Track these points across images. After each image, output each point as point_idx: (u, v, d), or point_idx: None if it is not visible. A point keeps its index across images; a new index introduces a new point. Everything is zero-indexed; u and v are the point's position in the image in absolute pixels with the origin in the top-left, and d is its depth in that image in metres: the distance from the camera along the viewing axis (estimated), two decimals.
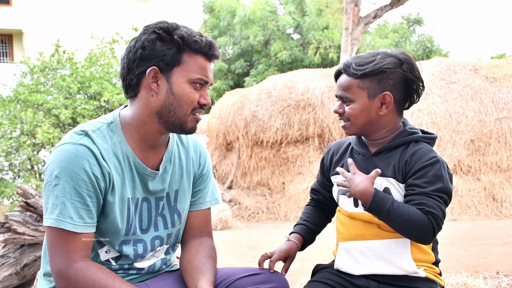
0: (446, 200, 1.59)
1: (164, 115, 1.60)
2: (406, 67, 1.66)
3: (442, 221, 1.57)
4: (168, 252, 1.79)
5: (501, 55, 21.96)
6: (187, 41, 1.57)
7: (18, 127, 7.80)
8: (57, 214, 1.49)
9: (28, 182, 7.63)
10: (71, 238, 1.50)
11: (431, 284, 1.66)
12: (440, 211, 1.56)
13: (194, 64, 1.59)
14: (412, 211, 1.55)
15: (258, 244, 6.39)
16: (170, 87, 1.58)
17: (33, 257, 2.78)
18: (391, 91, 1.65)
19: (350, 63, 1.68)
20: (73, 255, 1.50)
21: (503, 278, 3.70)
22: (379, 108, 1.66)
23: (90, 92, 8.19)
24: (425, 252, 1.68)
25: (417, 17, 21.66)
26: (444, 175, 1.60)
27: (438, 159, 1.62)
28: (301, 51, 19.95)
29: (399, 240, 1.64)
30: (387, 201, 1.57)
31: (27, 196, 2.78)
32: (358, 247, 1.68)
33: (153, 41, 1.57)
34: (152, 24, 1.61)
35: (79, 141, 1.54)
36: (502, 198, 8.28)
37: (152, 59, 1.57)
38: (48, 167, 1.54)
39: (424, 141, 1.68)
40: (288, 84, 9.31)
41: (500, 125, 8.67)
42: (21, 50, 17.73)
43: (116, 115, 1.66)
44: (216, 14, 21.21)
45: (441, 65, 9.50)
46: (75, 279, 1.49)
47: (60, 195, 1.50)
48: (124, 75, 1.63)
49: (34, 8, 17.75)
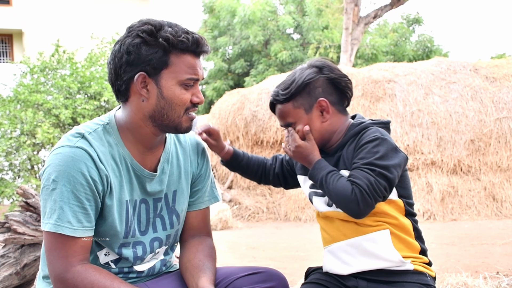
0: (381, 174, 1.56)
1: (158, 119, 1.58)
2: (326, 71, 1.72)
3: (369, 193, 1.54)
4: (167, 252, 1.78)
5: (501, 55, 21.96)
6: (172, 42, 1.53)
7: (18, 127, 7.80)
8: (55, 219, 1.48)
9: (28, 182, 7.63)
10: (69, 243, 1.49)
11: (420, 276, 1.65)
12: (366, 182, 1.54)
13: (183, 64, 1.56)
14: (341, 181, 1.59)
15: (258, 244, 6.39)
16: (160, 91, 1.55)
17: (33, 257, 2.78)
18: (324, 97, 1.71)
19: (277, 92, 1.76)
20: (71, 259, 1.49)
21: (503, 278, 3.70)
22: (321, 117, 1.72)
23: (90, 92, 8.19)
24: (406, 241, 1.68)
25: (416, 17, 21.66)
26: (380, 150, 1.59)
27: (378, 136, 1.62)
28: (301, 51, 19.95)
29: (378, 233, 1.65)
30: (325, 169, 1.64)
31: (27, 196, 2.77)
32: (341, 247, 1.69)
33: (138, 45, 1.53)
34: (136, 26, 1.56)
35: (75, 144, 1.52)
36: (502, 198, 8.28)
37: (139, 64, 1.53)
38: (45, 171, 1.52)
39: (373, 126, 1.69)
40: None
41: (500, 125, 8.68)
42: (21, 50, 17.73)
43: (111, 116, 1.64)
44: (216, 14, 21.22)
45: (441, 65, 9.50)
46: (73, 283, 1.48)
47: (58, 199, 1.48)
48: (112, 81, 1.60)
49: (34, 8, 17.75)
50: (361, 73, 9.51)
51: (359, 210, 1.56)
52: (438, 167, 8.58)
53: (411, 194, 1.73)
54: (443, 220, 7.80)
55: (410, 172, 8.57)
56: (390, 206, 1.66)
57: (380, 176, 1.56)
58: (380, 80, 9.24)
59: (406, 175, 1.71)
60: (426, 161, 8.57)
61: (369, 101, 9.08)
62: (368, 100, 9.09)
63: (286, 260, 5.14)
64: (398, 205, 1.67)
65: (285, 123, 1.78)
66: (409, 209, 1.70)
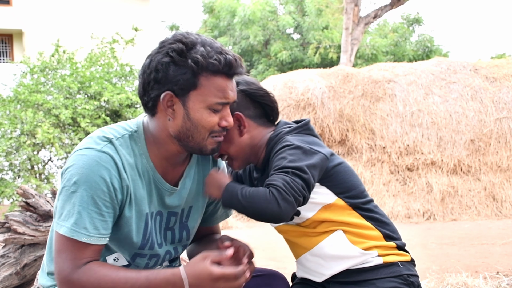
0: (295, 173, 1.54)
1: (183, 140, 1.53)
2: (241, 85, 1.70)
3: (287, 191, 1.50)
4: (174, 260, 1.77)
5: (501, 55, 21.98)
6: (202, 65, 1.46)
7: (18, 127, 7.80)
8: (72, 223, 1.45)
9: (28, 182, 7.63)
10: (82, 248, 1.47)
11: (391, 269, 1.63)
12: (282, 181, 1.52)
13: (212, 87, 1.49)
14: (255, 190, 1.54)
15: (258, 244, 6.39)
16: (187, 112, 1.50)
17: (33, 257, 2.78)
18: (239, 111, 1.68)
19: None
20: (79, 262, 1.46)
21: (503, 278, 3.70)
22: (239, 130, 1.69)
23: (90, 92, 8.18)
24: (363, 235, 1.65)
25: (416, 17, 21.67)
26: (289, 155, 1.58)
27: (285, 144, 1.62)
28: (301, 51, 19.96)
29: (332, 236, 1.64)
30: (237, 187, 1.57)
31: (27, 196, 2.77)
32: (307, 258, 1.69)
33: (166, 64, 1.47)
34: (168, 42, 1.50)
35: (102, 148, 1.48)
36: (502, 198, 8.28)
37: (166, 84, 1.48)
38: (67, 171, 1.48)
39: (283, 136, 1.68)
40: (288, 84, 9.31)
41: (500, 125, 8.68)
42: (21, 50, 17.73)
43: (139, 124, 1.60)
44: (216, 14, 21.23)
45: (441, 65, 9.51)
46: (80, 284, 1.45)
47: (77, 203, 1.45)
48: (140, 95, 1.56)
49: (34, 8, 17.74)
50: (361, 73, 9.51)
51: (280, 210, 1.50)
52: (438, 167, 8.58)
53: (351, 185, 1.68)
54: (443, 220, 7.80)
55: (410, 172, 8.58)
56: (331, 211, 1.65)
57: (295, 176, 1.53)
58: (380, 80, 9.24)
59: (339, 169, 1.67)
60: (426, 161, 8.58)
61: (369, 101, 9.09)
62: (368, 100, 9.09)
63: (286, 260, 5.13)
64: (338, 205, 1.65)
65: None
66: (353, 202, 1.67)
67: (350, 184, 1.68)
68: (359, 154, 8.85)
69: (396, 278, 1.62)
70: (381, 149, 8.79)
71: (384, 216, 1.72)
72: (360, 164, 8.73)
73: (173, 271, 1.47)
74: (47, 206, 2.78)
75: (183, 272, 1.44)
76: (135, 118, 1.64)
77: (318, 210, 1.64)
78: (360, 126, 8.91)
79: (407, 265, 1.67)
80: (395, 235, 1.70)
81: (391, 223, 1.72)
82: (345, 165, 1.70)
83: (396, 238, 1.70)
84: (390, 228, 1.70)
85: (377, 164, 8.75)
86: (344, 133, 8.93)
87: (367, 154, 8.79)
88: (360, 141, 8.86)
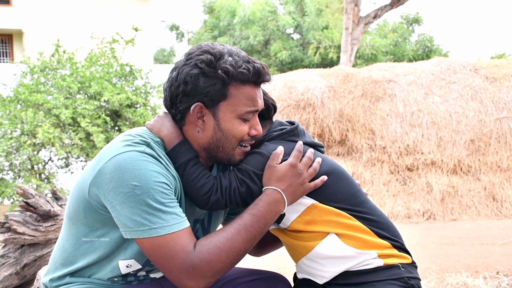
0: (243, 178, 1.56)
1: (212, 151, 1.53)
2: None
3: (221, 188, 1.53)
4: None
5: (501, 55, 21.99)
6: (232, 74, 1.46)
7: (19, 127, 7.80)
8: (160, 222, 1.39)
9: (28, 182, 7.63)
10: (180, 237, 1.40)
11: (392, 271, 1.61)
12: (227, 181, 1.54)
13: (242, 96, 1.50)
14: (203, 175, 1.54)
15: None
16: (218, 123, 1.50)
17: (33, 257, 2.78)
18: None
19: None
20: (189, 248, 1.40)
21: (503, 278, 3.70)
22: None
23: (90, 92, 8.18)
24: (352, 236, 1.61)
25: (416, 17, 21.67)
26: (247, 168, 1.57)
27: (255, 151, 1.61)
28: (301, 51, 19.96)
29: (326, 239, 1.61)
30: (186, 155, 1.54)
31: (27, 196, 2.77)
32: (304, 262, 1.68)
33: (196, 76, 1.46)
34: (195, 53, 1.49)
35: (144, 150, 1.44)
36: (502, 198, 8.28)
37: (196, 95, 1.48)
38: (118, 178, 1.39)
39: (268, 140, 1.66)
40: (288, 84, 9.31)
41: (500, 125, 8.68)
42: (21, 50, 17.73)
43: None
44: (216, 14, 21.24)
45: (441, 65, 9.50)
46: (205, 261, 1.40)
47: (151, 201, 1.38)
48: (167, 108, 1.54)
49: (34, 8, 17.74)
50: (361, 73, 9.51)
51: (211, 197, 1.53)
52: (438, 167, 8.58)
53: (341, 197, 1.63)
54: (443, 220, 7.80)
55: (410, 172, 8.58)
56: (316, 211, 1.62)
57: (243, 182, 1.56)
58: (380, 80, 9.24)
59: (328, 183, 1.63)
60: (426, 161, 8.58)
61: (369, 101, 9.09)
62: (368, 100, 9.09)
63: (286, 259, 5.13)
64: (323, 207, 1.62)
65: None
66: (341, 206, 1.62)
67: (340, 196, 1.63)
68: (359, 154, 8.85)
69: (396, 281, 1.61)
70: (381, 149, 8.79)
71: (380, 216, 1.68)
72: (360, 164, 8.73)
73: (262, 194, 1.50)
74: (47, 206, 2.78)
75: (270, 186, 1.49)
76: (141, 128, 1.59)
77: (302, 211, 1.61)
78: (360, 126, 8.91)
79: (408, 267, 1.65)
80: (390, 234, 1.67)
81: (386, 222, 1.68)
82: (334, 176, 1.64)
83: (392, 238, 1.66)
84: (384, 227, 1.66)
85: (377, 164, 8.75)
86: (344, 133, 8.93)
87: (367, 154, 8.79)
88: (360, 141, 8.86)
